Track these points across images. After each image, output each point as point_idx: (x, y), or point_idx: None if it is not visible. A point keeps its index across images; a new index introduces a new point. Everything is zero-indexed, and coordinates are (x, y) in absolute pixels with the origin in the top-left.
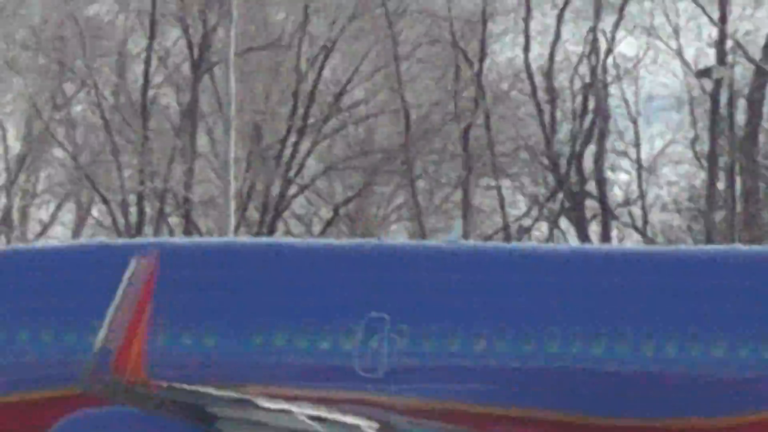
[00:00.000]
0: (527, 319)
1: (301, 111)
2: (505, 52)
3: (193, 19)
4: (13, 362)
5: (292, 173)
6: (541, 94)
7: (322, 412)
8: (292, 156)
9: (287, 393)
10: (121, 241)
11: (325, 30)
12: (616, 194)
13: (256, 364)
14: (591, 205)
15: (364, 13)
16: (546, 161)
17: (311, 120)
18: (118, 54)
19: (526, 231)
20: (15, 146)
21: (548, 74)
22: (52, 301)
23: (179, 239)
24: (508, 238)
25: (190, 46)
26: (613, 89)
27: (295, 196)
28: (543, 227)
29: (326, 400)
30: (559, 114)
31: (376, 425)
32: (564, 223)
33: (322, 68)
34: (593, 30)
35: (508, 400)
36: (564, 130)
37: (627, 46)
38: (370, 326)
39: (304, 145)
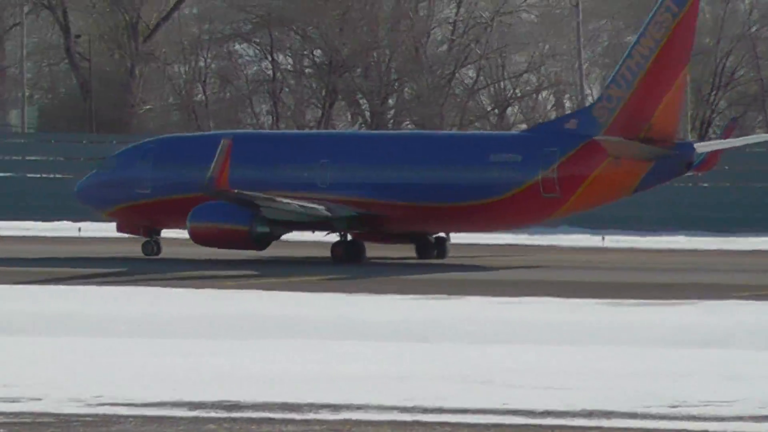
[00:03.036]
0: (376, 163)
1: None
2: None
3: None
4: (179, 182)
5: None
6: None
7: (303, 202)
8: None
9: (288, 195)
10: (220, 131)
11: None
12: None
13: (275, 183)
14: None
15: None
16: None
17: None
18: None
19: None
20: None
21: None
22: (191, 156)
23: (244, 131)
24: None
25: None
26: None
27: None
28: None
29: (305, 197)
30: None
31: (323, 206)
32: None
33: None
34: None
35: (373, 196)
36: None
37: None
38: (323, 165)
39: None
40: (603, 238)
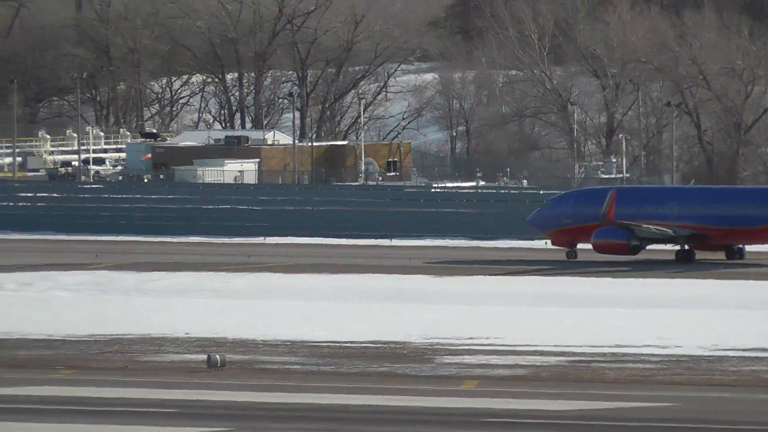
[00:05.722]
0: (704, 204)
1: None
2: None
3: None
4: (588, 216)
5: None
6: None
7: (658, 227)
8: None
9: (651, 222)
10: (603, 187)
11: None
12: None
13: (644, 215)
14: None
15: None
16: None
17: None
18: None
19: None
20: None
21: None
22: (594, 201)
23: (624, 186)
24: None
25: None
26: None
27: None
28: None
29: (660, 224)
30: None
31: (671, 229)
32: None
33: None
34: None
35: (701, 223)
36: None
37: None
38: (672, 205)
39: None
40: None
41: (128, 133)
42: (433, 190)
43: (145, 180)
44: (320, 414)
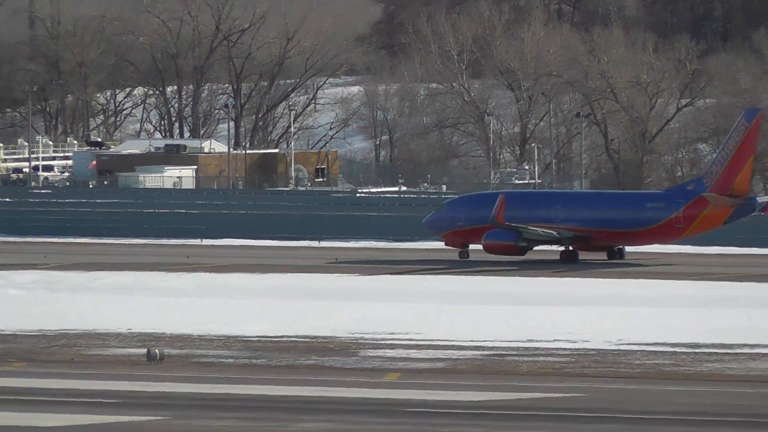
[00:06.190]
0: (587, 207)
1: None
2: None
3: None
4: (478, 218)
5: None
6: None
7: (545, 229)
8: None
9: (537, 225)
10: (493, 191)
11: None
12: None
13: (531, 219)
14: None
15: None
16: None
17: None
18: None
19: None
20: None
21: None
22: (484, 205)
23: (512, 191)
24: None
25: None
26: None
27: None
28: None
29: (546, 227)
30: None
31: (556, 231)
32: None
33: None
34: None
35: (584, 226)
36: None
37: None
38: (557, 209)
39: None
40: None
41: (75, 142)
42: (358, 195)
43: (91, 185)
44: (251, 404)
